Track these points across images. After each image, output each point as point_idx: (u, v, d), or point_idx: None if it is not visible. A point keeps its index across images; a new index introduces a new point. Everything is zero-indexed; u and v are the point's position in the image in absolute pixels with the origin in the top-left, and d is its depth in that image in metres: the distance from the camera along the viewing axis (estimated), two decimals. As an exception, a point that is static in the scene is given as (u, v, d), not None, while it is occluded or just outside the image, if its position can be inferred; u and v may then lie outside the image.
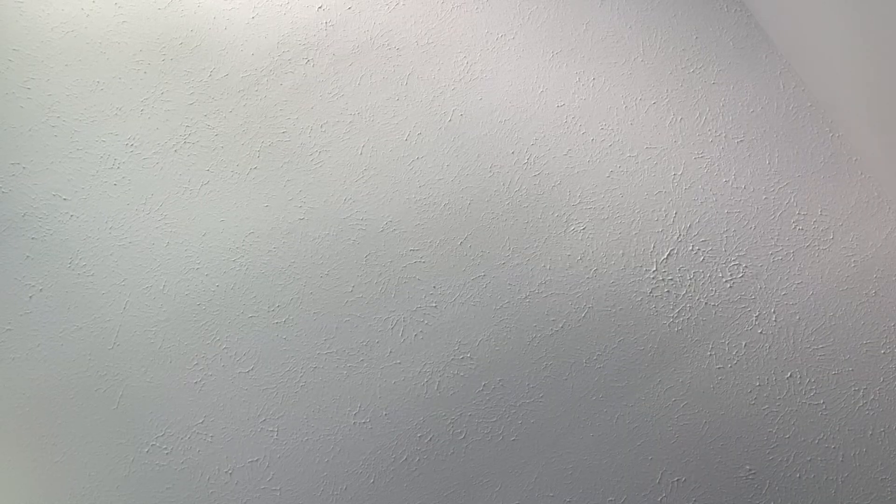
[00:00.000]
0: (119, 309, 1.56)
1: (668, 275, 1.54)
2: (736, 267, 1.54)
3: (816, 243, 1.54)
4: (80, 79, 1.66)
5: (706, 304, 1.52)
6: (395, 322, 1.54)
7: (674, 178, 1.59)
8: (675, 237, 1.56)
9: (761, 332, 1.50)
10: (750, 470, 1.45)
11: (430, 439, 1.49)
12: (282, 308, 1.55)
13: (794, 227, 1.55)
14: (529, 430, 1.49)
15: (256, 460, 1.49)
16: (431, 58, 1.67)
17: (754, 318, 1.51)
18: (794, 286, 1.52)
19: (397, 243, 1.58)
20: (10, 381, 1.53)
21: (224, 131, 1.64)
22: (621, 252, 1.56)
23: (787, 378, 1.48)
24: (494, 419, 1.50)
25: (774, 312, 1.51)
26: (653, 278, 1.54)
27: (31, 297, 1.57)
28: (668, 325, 1.52)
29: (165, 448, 1.50)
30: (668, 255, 1.55)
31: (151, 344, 1.54)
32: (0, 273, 1.58)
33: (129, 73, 1.67)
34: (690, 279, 1.54)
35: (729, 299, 1.52)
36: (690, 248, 1.55)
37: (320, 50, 1.68)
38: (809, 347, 1.49)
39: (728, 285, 1.53)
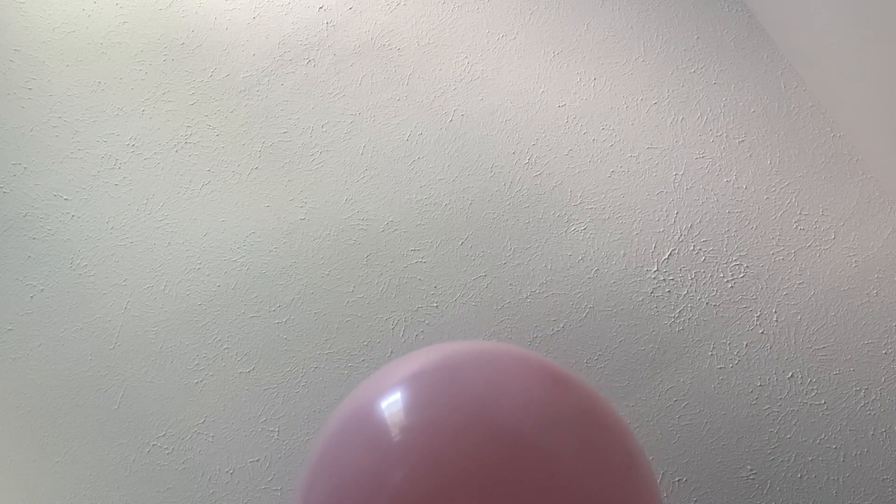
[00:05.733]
0: (120, 309, 1.56)
1: (669, 275, 1.54)
2: (737, 267, 1.54)
3: (818, 243, 1.54)
4: (81, 79, 1.67)
5: (707, 303, 1.52)
6: (396, 322, 1.54)
7: (675, 178, 1.59)
8: (677, 237, 1.56)
9: (762, 332, 1.50)
10: (751, 470, 1.45)
11: (432, 439, 1.49)
12: (283, 308, 1.55)
13: (796, 227, 1.55)
14: (530, 431, 1.49)
15: (257, 460, 1.49)
16: (432, 58, 1.67)
17: (755, 318, 1.51)
18: (796, 286, 1.52)
19: (398, 243, 1.58)
20: (10, 382, 1.53)
21: (225, 131, 1.65)
22: (622, 252, 1.56)
23: (789, 378, 1.48)
24: (495, 419, 1.49)
25: (776, 312, 1.51)
26: (654, 278, 1.54)
27: (32, 297, 1.57)
28: (670, 325, 1.52)
29: (166, 448, 1.50)
30: (670, 254, 1.55)
31: (152, 344, 1.54)
32: (1, 273, 1.58)
33: (131, 73, 1.67)
34: (692, 279, 1.53)
35: (730, 299, 1.52)
36: (692, 247, 1.55)
37: (321, 50, 1.68)
38: (811, 347, 1.49)
39: (729, 285, 1.53)
